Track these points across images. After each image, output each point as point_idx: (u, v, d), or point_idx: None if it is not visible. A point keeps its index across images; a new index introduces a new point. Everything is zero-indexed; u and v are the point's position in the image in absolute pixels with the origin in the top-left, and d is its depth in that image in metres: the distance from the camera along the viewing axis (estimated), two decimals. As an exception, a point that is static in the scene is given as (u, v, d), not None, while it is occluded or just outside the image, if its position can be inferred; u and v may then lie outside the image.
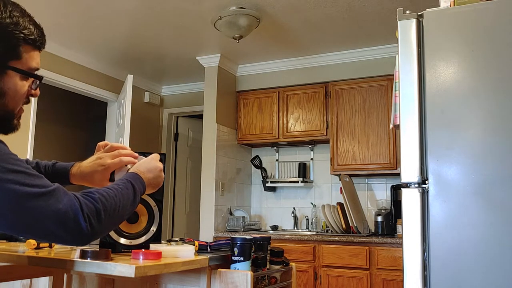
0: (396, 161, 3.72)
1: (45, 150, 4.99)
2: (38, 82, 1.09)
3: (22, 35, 1.02)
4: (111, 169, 1.32)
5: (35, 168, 1.35)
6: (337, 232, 3.79)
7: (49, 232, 0.93)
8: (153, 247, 1.42)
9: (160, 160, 1.39)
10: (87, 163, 1.35)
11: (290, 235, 3.71)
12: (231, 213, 4.27)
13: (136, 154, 1.36)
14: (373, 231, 3.85)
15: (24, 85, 1.05)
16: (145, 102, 5.07)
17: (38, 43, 1.07)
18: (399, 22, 1.71)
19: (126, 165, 1.33)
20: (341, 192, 3.75)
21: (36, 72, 1.08)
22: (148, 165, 1.26)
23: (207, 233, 4.05)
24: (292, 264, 1.69)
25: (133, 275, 1.11)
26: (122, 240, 1.47)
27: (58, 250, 1.52)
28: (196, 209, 4.69)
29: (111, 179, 1.34)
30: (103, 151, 1.37)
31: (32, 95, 1.10)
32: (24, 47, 1.03)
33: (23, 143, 3.73)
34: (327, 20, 3.45)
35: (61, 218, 0.93)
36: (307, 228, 4.23)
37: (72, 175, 1.34)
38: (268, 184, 4.41)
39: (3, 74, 1.01)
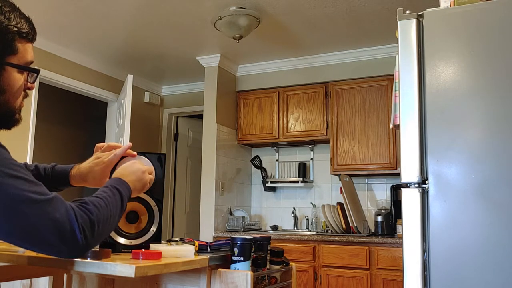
0: (396, 161, 3.72)
1: (45, 150, 4.99)
2: (35, 75, 1.09)
3: (15, 29, 1.02)
4: (109, 167, 1.33)
5: (35, 171, 1.35)
6: (337, 232, 3.79)
7: (44, 241, 0.92)
8: (153, 247, 1.42)
9: (160, 160, 1.39)
10: (86, 164, 1.36)
11: (290, 235, 3.71)
12: (231, 213, 4.27)
13: (129, 144, 1.37)
14: (373, 231, 3.85)
15: (20, 79, 1.06)
16: (145, 102, 5.07)
17: (31, 35, 1.07)
18: (399, 22, 1.71)
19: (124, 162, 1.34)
20: (341, 192, 3.75)
21: (30, 65, 1.08)
22: (130, 168, 1.26)
23: (207, 233, 4.04)
24: (292, 264, 1.69)
25: (133, 275, 1.11)
26: (122, 240, 1.47)
27: (58, 250, 1.51)
28: (196, 209, 4.69)
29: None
30: (101, 151, 1.38)
31: (29, 88, 1.10)
32: (19, 41, 1.03)
33: (23, 143, 3.73)
34: (327, 20, 3.45)
35: (57, 228, 0.92)
36: (307, 228, 4.23)
37: (72, 176, 1.35)
38: (268, 184, 4.41)
39: (2, 70, 1.01)
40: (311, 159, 4.39)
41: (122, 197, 1.14)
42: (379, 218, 3.74)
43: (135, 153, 1.38)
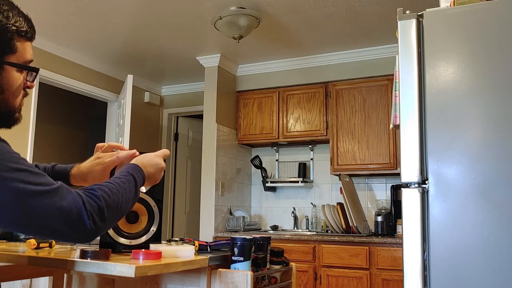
0: (396, 161, 3.72)
1: (45, 150, 4.99)
2: (34, 74, 1.09)
3: (14, 28, 1.02)
4: (110, 167, 1.33)
5: None
6: (337, 232, 3.79)
7: (53, 230, 0.93)
8: (153, 247, 1.42)
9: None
10: (86, 163, 1.36)
11: (290, 235, 3.71)
12: (231, 213, 4.27)
13: (134, 151, 1.36)
14: (373, 231, 3.85)
15: (19, 78, 1.06)
16: (145, 102, 5.07)
17: (29, 34, 1.07)
18: (399, 22, 1.71)
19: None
20: (341, 192, 3.75)
21: (30, 64, 1.08)
22: (152, 160, 1.26)
23: (207, 233, 4.04)
24: (292, 264, 1.69)
25: (133, 275, 1.11)
26: (122, 240, 1.47)
27: (58, 250, 1.52)
28: (196, 209, 4.68)
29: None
30: (101, 151, 1.38)
31: (28, 87, 1.10)
32: (18, 40, 1.03)
33: (23, 143, 3.73)
34: (327, 20, 3.45)
35: (65, 216, 0.93)
36: (307, 228, 4.23)
37: (72, 176, 1.35)
38: (268, 184, 4.41)
39: (1, 70, 1.01)
40: (311, 159, 4.39)
41: (137, 183, 1.14)
42: (379, 218, 3.74)
43: (137, 153, 1.38)
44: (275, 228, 4.34)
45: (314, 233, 3.92)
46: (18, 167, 0.92)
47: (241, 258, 1.45)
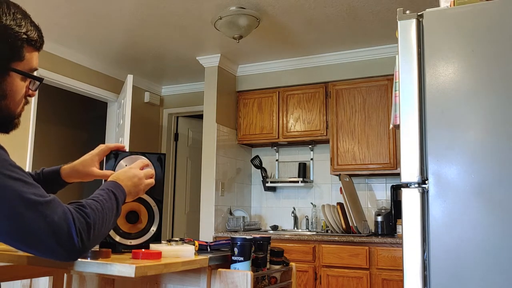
0: (396, 161, 3.72)
1: (45, 151, 4.99)
2: (38, 83, 1.10)
3: (25, 36, 1.03)
4: (98, 155, 1.40)
5: None
6: (337, 232, 3.79)
7: (41, 243, 0.93)
8: (153, 247, 1.42)
9: (160, 160, 1.40)
10: (78, 160, 1.41)
11: (290, 235, 3.71)
12: (231, 213, 4.27)
13: (123, 145, 1.41)
14: (373, 231, 3.85)
15: (23, 86, 1.06)
16: (145, 102, 5.07)
17: (38, 44, 1.08)
18: (399, 22, 1.71)
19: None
20: (341, 192, 3.75)
21: (34, 73, 1.09)
22: (127, 173, 1.28)
23: (207, 233, 4.04)
24: (292, 264, 1.69)
25: (133, 275, 1.11)
26: (122, 240, 1.47)
27: (58, 250, 1.51)
28: (196, 209, 4.69)
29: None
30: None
31: (30, 95, 1.11)
32: (26, 48, 1.04)
33: (23, 144, 3.73)
34: (327, 20, 3.45)
35: (55, 230, 0.93)
36: (307, 228, 4.23)
37: (63, 169, 1.40)
38: (268, 184, 4.41)
39: (6, 75, 1.02)
40: (311, 159, 4.39)
41: (118, 201, 1.15)
42: (379, 218, 3.74)
43: (123, 145, 1.42)
44: (275, 228, 4.34)
45: (314, 233, 3.92)
46: (12, 175, 0.91)
47: (241, 258, 1.45)
